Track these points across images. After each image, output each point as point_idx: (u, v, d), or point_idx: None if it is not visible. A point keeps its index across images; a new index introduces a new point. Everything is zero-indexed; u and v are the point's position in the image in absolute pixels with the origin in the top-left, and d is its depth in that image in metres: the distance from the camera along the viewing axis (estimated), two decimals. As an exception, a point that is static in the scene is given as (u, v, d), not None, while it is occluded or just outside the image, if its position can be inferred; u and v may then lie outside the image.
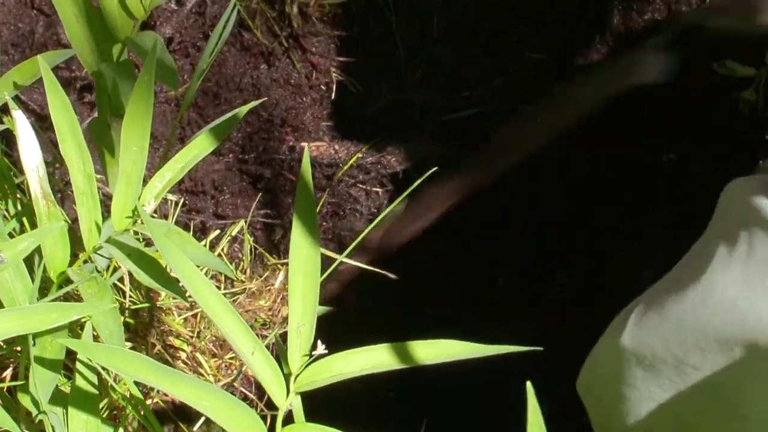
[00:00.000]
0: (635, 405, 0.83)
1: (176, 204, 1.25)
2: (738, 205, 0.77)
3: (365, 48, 1.33)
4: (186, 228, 1.31)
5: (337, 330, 0.95)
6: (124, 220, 0.91)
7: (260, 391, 1.27)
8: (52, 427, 0.87)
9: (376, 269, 1.26)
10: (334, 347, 0.85)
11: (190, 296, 1.01)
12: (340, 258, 1.04)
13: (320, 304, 0.87)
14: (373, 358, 0.84)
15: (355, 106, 1.36)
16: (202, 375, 1.20)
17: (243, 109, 0.95)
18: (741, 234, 0.74)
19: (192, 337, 1.19)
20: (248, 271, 1.30)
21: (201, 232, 1.34)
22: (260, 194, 1.35)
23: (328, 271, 0.98)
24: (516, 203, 1.35)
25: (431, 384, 1.25)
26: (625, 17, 1.32)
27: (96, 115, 1.23)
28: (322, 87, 1.35)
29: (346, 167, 1.35)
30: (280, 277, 1.33)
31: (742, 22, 1.15)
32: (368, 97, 1.35)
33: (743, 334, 0.72)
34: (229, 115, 0.94)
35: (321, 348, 0.84)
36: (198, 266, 0.84)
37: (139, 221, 0.91)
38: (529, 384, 0.78)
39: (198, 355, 1.19)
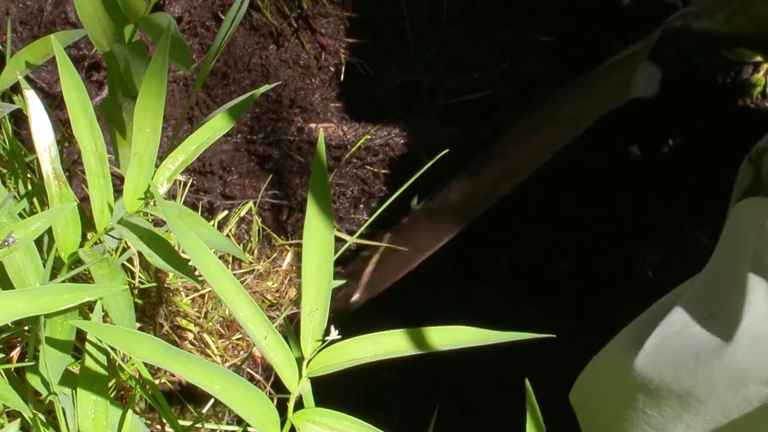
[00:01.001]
0: (629, 425, 0.82)
1: (184, 184, 1.25)
2: (756, 231, 0.75)
3: (375, 30, 1.33)
4: (194, 208, 1.31)
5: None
6: (136, 201, 0.90)
7: (267, 372, 1.27)
8: (63, 408, 0.87)
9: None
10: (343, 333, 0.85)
11: (200, 277, 1.00)
12: (351, 240, 1.04)
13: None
14: (386, 344, 0.84)
15: (364, 87, 1.35)
16: (209, 356, 1.20)
17: (258, 91, 0.95)
18: None
19: (199, 318, 1.19)
20: (256, 252, 1.30)
21: (209, 213, 1.33)
22: (268, 175, 1.35)
23: (339, 252, 0.97)
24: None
25: (438, 370, 1.26)
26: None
27: (104, 94, 1.23)
28: (331, 68, 1.34)
29: (354, 149, 1.35)
30: (288, 258, 1.33)
31: (719, 24, 1.15)
32: (377, 79, 1.35)
33: (766, 373, 0.71)
34: (244, 96, 0.93)
35: (334, 333, 0.84)
36: (209, 248, 0.84)
37: (151, 203, 0.91)
38: (528, 383, 0.78)
39: (205, 335, 1.19)
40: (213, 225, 1.24)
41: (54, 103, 1.22)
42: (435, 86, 1.36)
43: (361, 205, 1.39)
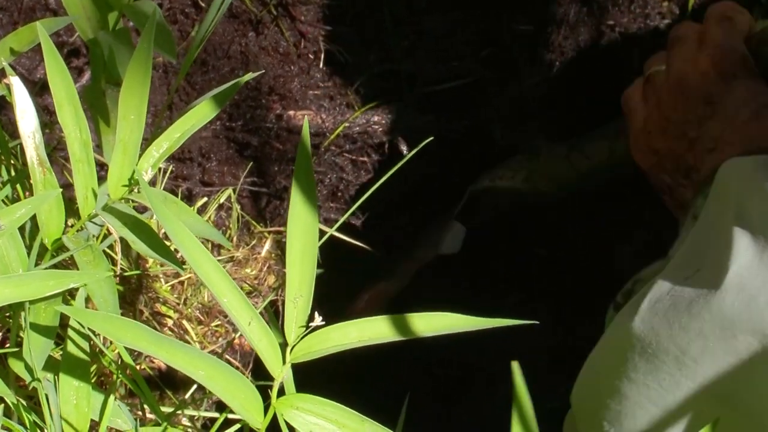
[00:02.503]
0: (631, 404, 0.82)
1: (164, 171, 1.25)
2: (746, 185, 0.76)
3: (354, 18, 1.33)
4: (173, 195, 1.31)
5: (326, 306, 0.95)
6: (120, 188, 0.91)
7: (245, 359, 1.28)
8: (46, 394, 0.88)
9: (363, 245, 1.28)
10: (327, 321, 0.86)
11: (183, 263, 1.01)
12: (330, 231, 1.05)
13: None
14: (370, 330, 0.85)
15: (343, 75, 1.36)
16: (189, 342, 1.20)
17: (243, 79, 0.95)
18: (761, 224, 0.73)
19: (179, 304, 1.20)
20: (234, 239, 1.31)
21: (188, 200, 1.33)
22: (247, 162, 1.35)
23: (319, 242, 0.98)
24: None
25: (419, 356, 1.27)
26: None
27: (84, 81, 1.23)
28: (310, 56, 1.35)
29: (332, 136, 1.35)
30: (267, 245, 1.34)
31: (529, 184, 1.28)
32: (356, 67, 1.35)
33: (753, 323, 0.72)
34: (228, 84, 0.94)
35: (318, 319, 0.85)
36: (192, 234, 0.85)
37: (135, 190, 0.91)
38: (515, 366, 0.79)
39: (184, 322, 1.20)
40: (192, 211, 1.24)
41: (34, 89, 1.22)
42: (413, 74, 1.36)
43: (339, 193, 1.40)
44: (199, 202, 1.30)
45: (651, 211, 1.33)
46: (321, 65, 1.35)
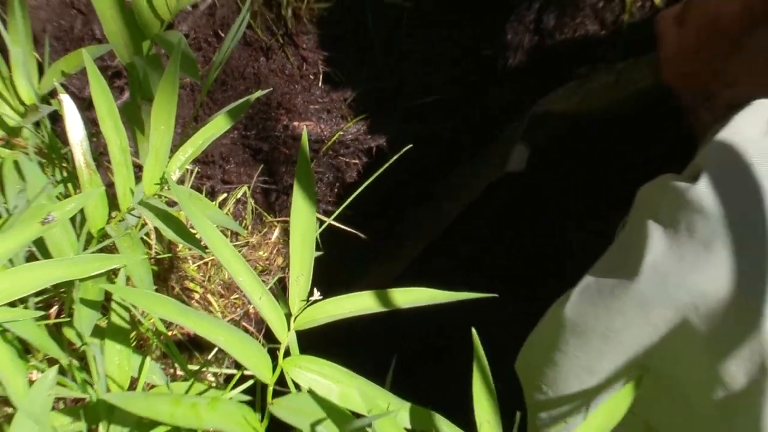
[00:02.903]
0: (564, 371, 0.82)
1: (191, 172, 1.25)
2: (663, 192, 0.76)
3: (347, 44, 1.33)
4: (198, 191, 1.30)
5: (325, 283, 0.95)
6: (153, 186, 0.90)
7: (259, 326, 1.27)
8: (93, 356, 0.87)
9: (356, 232, 1.27)
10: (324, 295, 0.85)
11: (205, 247, 1.00)
12: (328, 221, 1.04)
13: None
14: (360, 303, 0.84)
15: (338, 92, 1.35)
16: (212, 312, 1.20)
17: (253, 96, 0.94)
18: (670, 219, 0.72)
19: (204, 281, 1.19)
20: (249, 227, 1.30)
21: (211, 195, 1.33)
22: (260, 164, 1.35)
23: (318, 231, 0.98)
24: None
25: (405, 327, 1.26)
26: (558, 21, 1.32)
27: (125, 98, 1.22)
28: (311, 76, 1.34)
29: (329, 143, 1.34)
30: (276, 232, 1.33)
31: (582, 106, 1.19)
32: (349, 85, 1.35)
33: (666, 298, 0.72)
34: (242, 100, 0.93)
35: (317, 294, 0.84)
36: (213, 224, 0.85)
37: (165, 187, 0.91)
38: (474, 333, 0.79)
39: (209, 296, 1.19)
40: (214, 205, 1.24)
41: (83, 105, 1.21)
42: (397, 90, 1.35)
43: (335, 189, 1.39)
44: (220, 197, 1.29)
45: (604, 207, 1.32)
46: (320, 84, 1.34)
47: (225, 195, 1.30)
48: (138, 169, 0.91)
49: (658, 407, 0.77)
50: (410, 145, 1.06)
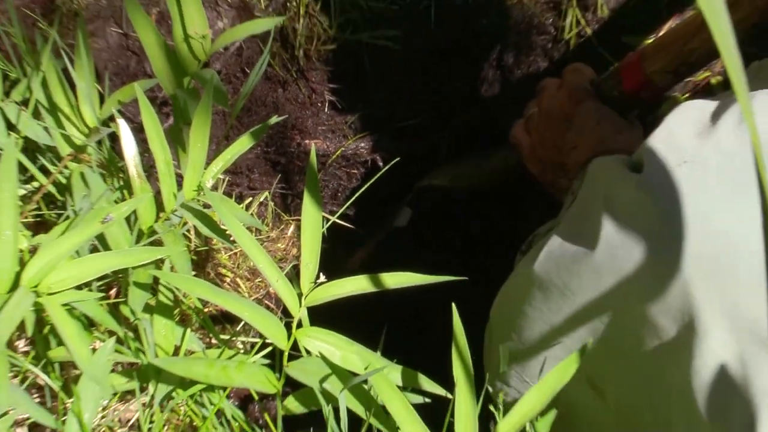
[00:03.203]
0: (531, 322, 0.82)
1: (222, 181, 1.25)
2: (612, 175, 0.76)
3: (348, 79, 1.33)
4: (229, 196, 1.30)
5: (330, 269, 0.95)
6: (192, 192, 0.91)
7: (278, 304, 1.27)
8: (144, 329, 0.87)
9: (348, 224, 1.28)
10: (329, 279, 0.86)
11: (233, 241, 1.00)
12: (333, 219, 1.04)
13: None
14: (357, 284, 0.85)
15: (341, 116, 1.35)
16: (240, 293, 1.20)
17: (272, 120, 0.95)
18: (618, 203, 0.72)
19: (233, 268, 1.19)
20: (270, 224, 1.30)
21: (239, 199, 1.33)
22: (278, 174, 1.35)
23: (324, 227, 0.98)
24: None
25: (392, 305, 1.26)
26: (516, 59, 1.32)
27: (169, 122, 1.22)
28: (319, 104, 1.34)
29: (333, 157, 1.35)
30: (291, 228, 1.33)
31: (452, 183, 1.29)
32: (349, 110, 1.35)
33: (614, 270, 0.71)
34: (263, 124, 0.94)
35: (322, 278, 0.85)
36: (240, 222, 0.85)
37: (201, 193, 0.91)
38: (454, 306, 0.79)
39: (237, 280, 1.19)
40: (242, 207, 1.24)
41: (136, 127, 1.21)
42: (387, 115, 1.36)
43: (339, 194, 1.39)
44: (246, 201, 1.30)
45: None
46: (326, 110, 1.34)
47: (250, 199, 1.30)
48: (179, 178, 0.91)
49: (602, 362, 0.77)
50: (398, 159, 1.07)
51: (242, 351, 0.97)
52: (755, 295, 0.64)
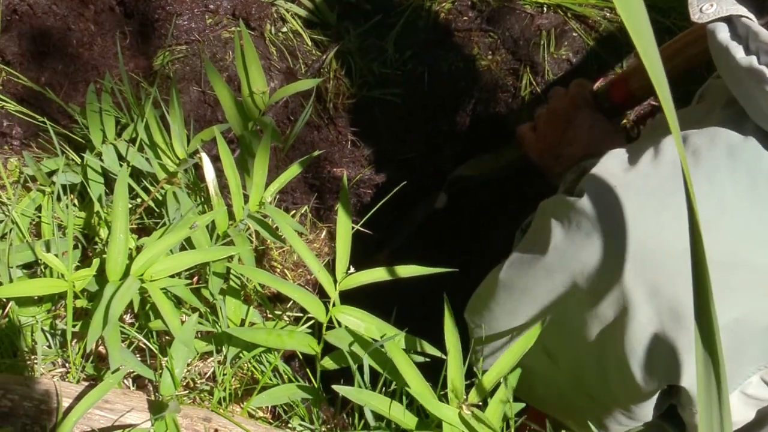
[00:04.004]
0: (495, 314, 0.78)
1: (276, 198, 1.23)
2: (560, 203, 0.73)
3: (365, 124, 1.31)
4: (280, 209, 1.28)
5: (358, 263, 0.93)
6: (255, 206, 0.89)
7: (314, 288, 1.25)
8: (219, 306, 0.86)
9: (366, 231, 1.26)
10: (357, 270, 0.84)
11: (284, 241, 0.98)
12: (356, 227, 1.02)
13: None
14: (378, 274, 0.83)
15: (359, 151, 1.33)
16: (288, 279, 1.18)
17: (314, 154, 0.94)
18: (566, 219, 0.70)
19: (282, 262, 1.17)
20: (308, 230, 1.28)
21: (286, 211, 1.31)
22: (314, 193, 1.33)
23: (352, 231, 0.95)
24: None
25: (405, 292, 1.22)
26: (485, 108, 1.30)
27: (237, 154, 1.20)
28: (343, 142, 1.32)
29: (354, 180, 1.33)
30: (324, 233, 1.31)
31: (478, 172, 1.24)
32: (365, 147, 1.33)
33: (563, 268, 0.69)
34: (307, 156, 0.92)
35: (351, 269, 0.83)
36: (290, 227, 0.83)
37: (262, 207, 0.89)
38: (445, 295, 0.77)
39: (285, 270, 1.17)
40: (290, 216, 1.22)
41: (214, 159, 1.19)
42: (393, 150, 1.34)
43: (358, 208, 1.37)
44: (292, 212, 1.27)
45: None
46: (348, 146, 1.32)
47: (294, 211, 1.28)
48: (246, 197, 0.89)
49: (554, 337, 0.75)
50: (404, 182, 1.05)
51: (289, 323, 0.95)
52: (671, 281, 0.63)
